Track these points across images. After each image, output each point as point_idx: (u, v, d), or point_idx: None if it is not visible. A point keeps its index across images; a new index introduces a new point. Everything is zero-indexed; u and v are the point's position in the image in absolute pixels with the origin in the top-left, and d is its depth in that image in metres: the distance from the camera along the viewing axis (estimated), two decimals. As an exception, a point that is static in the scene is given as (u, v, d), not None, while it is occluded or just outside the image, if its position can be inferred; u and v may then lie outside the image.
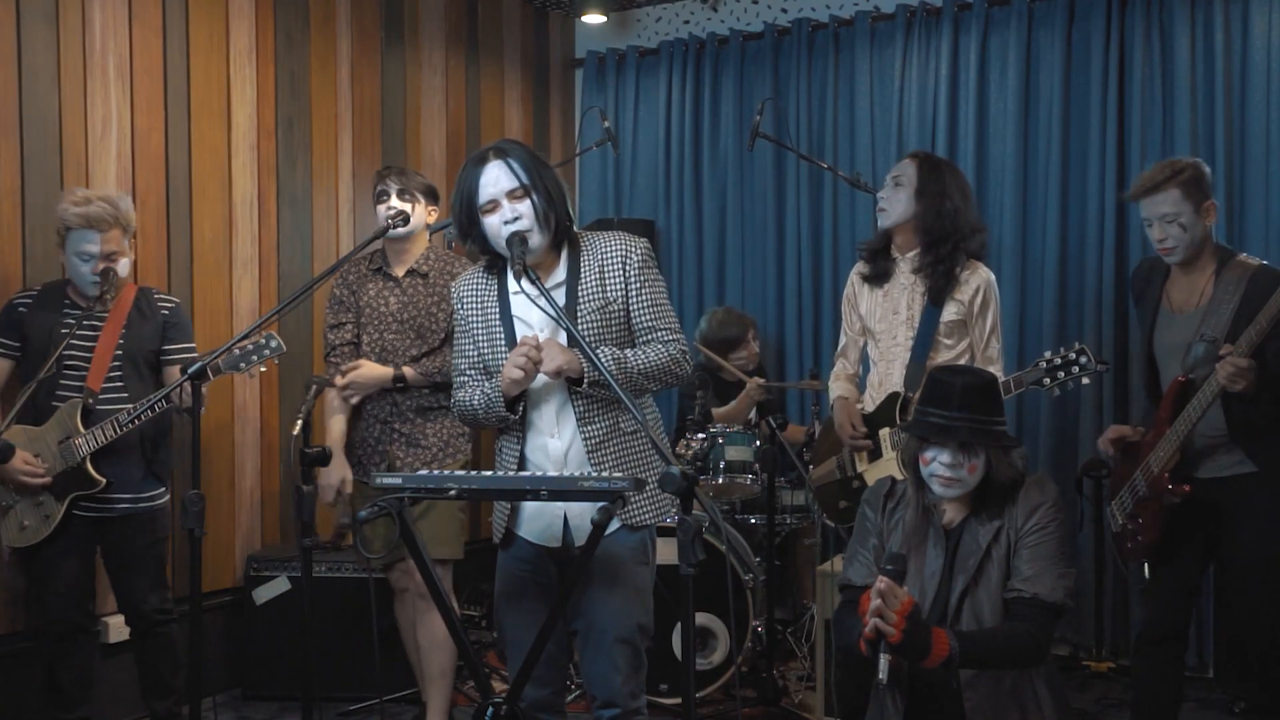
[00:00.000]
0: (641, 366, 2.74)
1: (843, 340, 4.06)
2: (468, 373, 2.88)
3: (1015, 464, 2.75)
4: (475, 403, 2.81)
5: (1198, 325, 3.30)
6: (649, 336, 2.81)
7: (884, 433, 3.80)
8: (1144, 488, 3.34)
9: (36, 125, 3.98)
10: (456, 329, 2.93)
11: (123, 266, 3.61)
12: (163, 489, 3.74)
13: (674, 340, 2.81)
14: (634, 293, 2.80)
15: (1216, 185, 4.73)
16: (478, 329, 2.86)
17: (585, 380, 2.70)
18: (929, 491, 2.79)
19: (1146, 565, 3.42)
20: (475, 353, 2.86)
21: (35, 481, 3.47)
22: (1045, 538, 2.71)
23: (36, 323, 3.59)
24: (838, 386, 4.00)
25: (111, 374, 3.60)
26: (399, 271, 3.87)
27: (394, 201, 3.81)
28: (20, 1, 3.93)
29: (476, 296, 2.88)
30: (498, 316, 2.83)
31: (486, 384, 2.79)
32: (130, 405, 3.52)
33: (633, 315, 2.81)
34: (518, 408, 2.76)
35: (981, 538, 2.74)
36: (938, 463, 2.72)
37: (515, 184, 2.72)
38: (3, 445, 3.29)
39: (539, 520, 2.82)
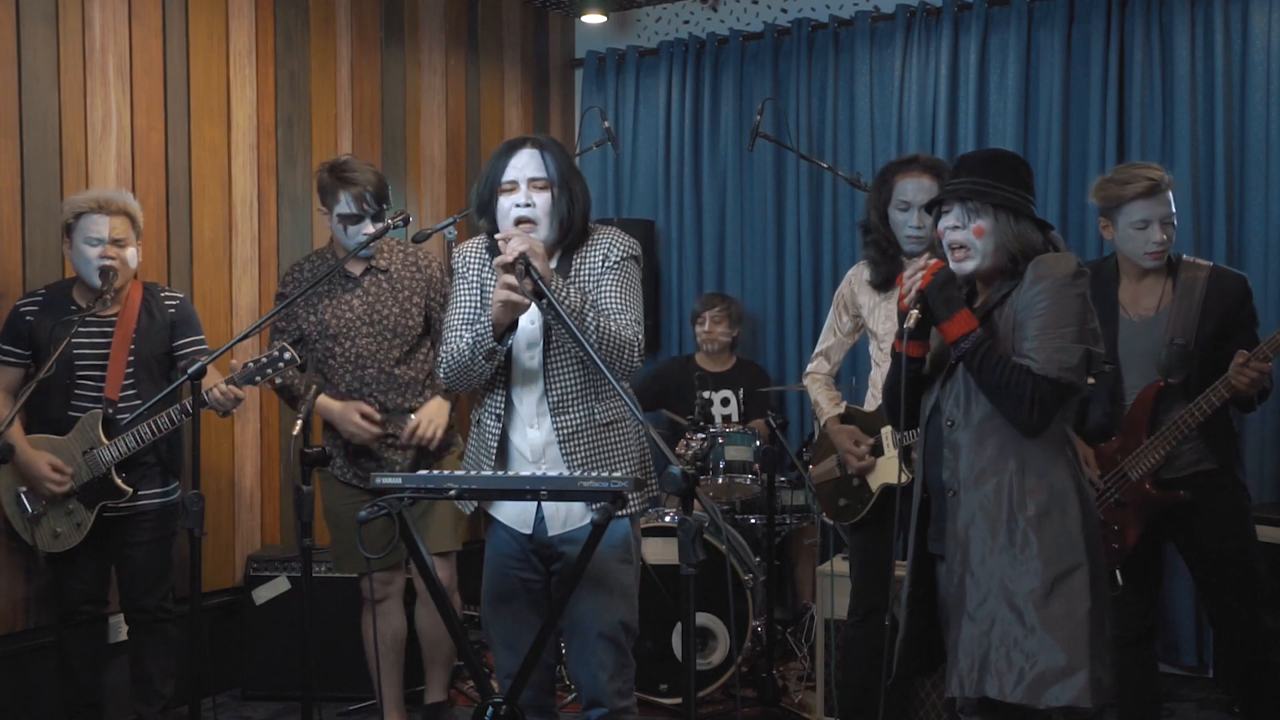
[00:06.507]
0: (602, 322, 2.66)
1: (828, 340, 3.96)
2: (459, 329, 2.81)
3: (1025, 233, 2.61)
4: (464, 345, 2.72)
5: (1165, 328, 3.30)
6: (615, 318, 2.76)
7: (885, 430, 3.80)
8: (1116, 494, 3.33)
9: (36, 125, 3.98)
10: (458, 283, 2.87)
11: (130, 256, 3.63)
12: (175, 484, 3.76)
13: (635, 329, 2.76)
14: (608, 279, 2.78)
15: (1216, 185, 4.78)
16: (476, 290, 2.84)
17: (549, 293, 2.54)
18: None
19: (1119, 572, 3.40)
20: (471, 309, 2.82)
21: (61, 490, 3.52)
22: (1040, 310, 2.56)
23: (45, 329, 3.57)
24: (827, 402, 3.86)
25: (126, 380, 3.63)
26: (357, 270, 3.76)
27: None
28: (20, 1, 3.93)
29: (479, 265, 2.86)
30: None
31: (477, 325, 2.73)
32: (145, 409, 3.43)
33: (603, 295, 2.76)
34: (507, 340, 2.70)
35: (990, 301, 2.66)
36: (946, 228, 2.65)
37: (542, 175, 2.73)
38: (3, 445, 3.30)
39: (514, 504, 2.81)
